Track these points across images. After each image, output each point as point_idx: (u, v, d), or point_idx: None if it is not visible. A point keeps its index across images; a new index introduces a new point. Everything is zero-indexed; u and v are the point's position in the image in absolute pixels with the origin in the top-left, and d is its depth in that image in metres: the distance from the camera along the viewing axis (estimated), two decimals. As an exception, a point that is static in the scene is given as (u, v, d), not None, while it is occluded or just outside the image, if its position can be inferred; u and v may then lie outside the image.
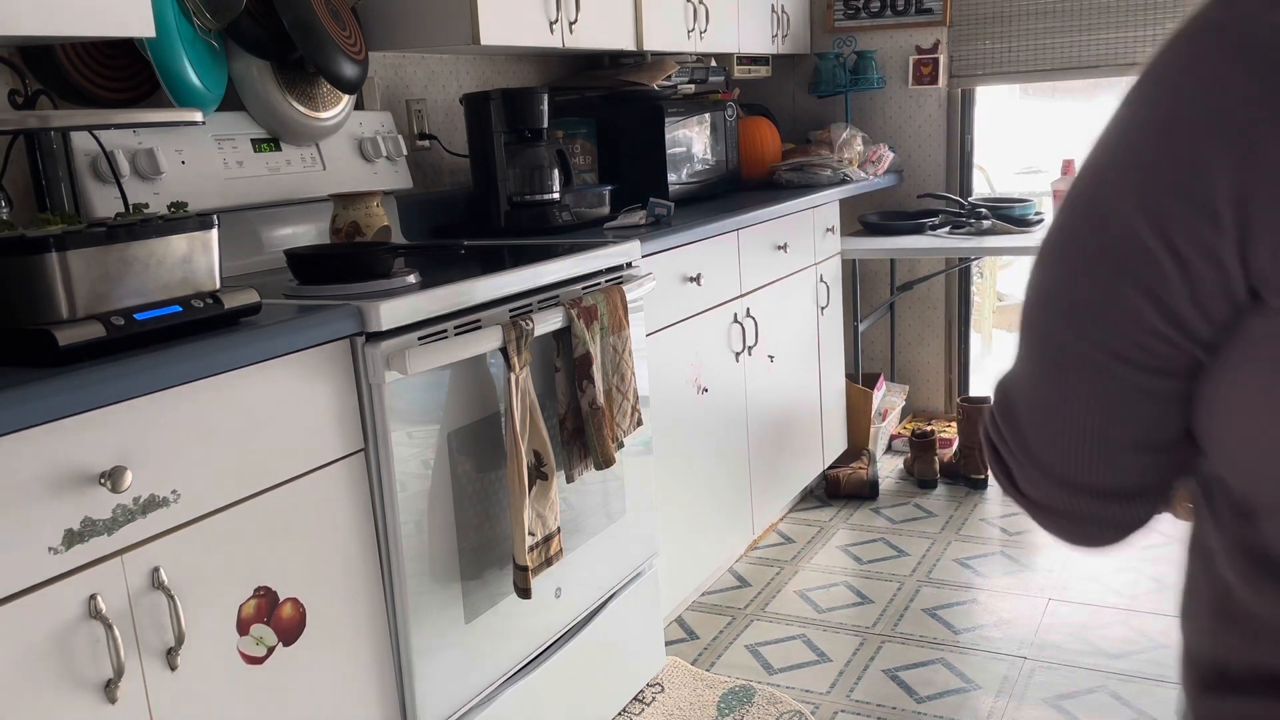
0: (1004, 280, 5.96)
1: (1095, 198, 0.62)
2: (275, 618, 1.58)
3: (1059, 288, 0.65)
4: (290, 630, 1.61)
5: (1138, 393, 0.64)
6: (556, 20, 2.61)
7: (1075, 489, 0.70)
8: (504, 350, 1.87)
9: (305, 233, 2.36)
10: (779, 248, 3.19)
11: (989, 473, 3.68)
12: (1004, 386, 0.73)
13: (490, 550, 1.96)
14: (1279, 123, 0.53)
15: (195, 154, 2.11)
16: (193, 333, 1.49)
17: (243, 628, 1.54)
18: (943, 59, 4.02)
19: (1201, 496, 0.69)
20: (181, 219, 1.53)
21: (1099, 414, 0.66)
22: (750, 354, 3.06)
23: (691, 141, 3.23)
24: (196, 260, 1.54)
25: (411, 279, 1.88)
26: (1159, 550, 3.13)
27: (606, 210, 2.84)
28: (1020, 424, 0.71)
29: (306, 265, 1.89)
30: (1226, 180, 0.55)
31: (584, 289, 2.17)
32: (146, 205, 1.61)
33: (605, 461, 2.13)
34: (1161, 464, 0.69)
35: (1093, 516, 0.72)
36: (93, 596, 1.34)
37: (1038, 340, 0.68)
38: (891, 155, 3.92)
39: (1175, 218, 0.57)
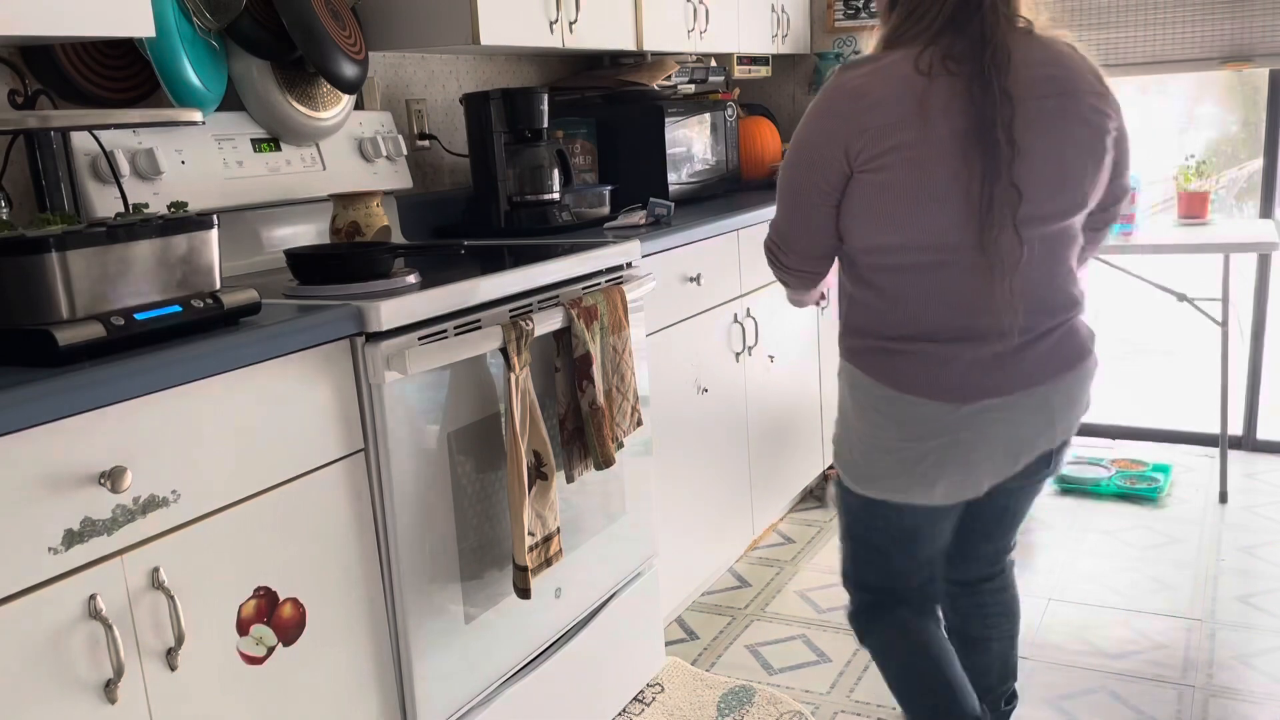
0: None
1: (808, 144, 1.63)
2: (275, 618, 1.59)
3: (796, 177, 1.66)
4: (290, 630, 1.61)
5: (825, 211, 1.65)
6: (556, 20, 2.61)
7: (804, 256, 1.72)
8: (504, 350, 1.87)
9: (305, 233, 2.36)
10: (779, 248, 3.19)
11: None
12: (775, 221, 1.74)
13: (490, 550, 1.96)
14: (858, 118, 1.56)
15: (195, 154, 2.11)
16: (193, 333, 1.49)
17: (243, 628, 1.54)
18: (943, 59, 4.01)
19: (843, 257, 1.72)
20: (181, 219, 1.53)
21: (815, 219, 1.67)
22: (750, 354, 3.06)
23: (691, 141, 3.23)
24: (196, 260, 1.54)
25: (411, 279, 1.88)
26: (1159, 551, 3.13)
27: (606, 210, 2.84)
28: (786, 230, 1.72)
29: (306, 265, 1.89)
30: (842, 139, 1.57)
31: (584, 289, 2.17)
32: (146, 205, 1.61)
33: (605, 461, 2.13)
34: (833, 244, 1.70)
35: (810, 269, 1.75)
36: (92, 597, 1.34)
37: (790, 195, 1.69)
38: (891, 155, 3.92)
39: (831, 150, 1.59)
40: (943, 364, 1.62)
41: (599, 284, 2.22)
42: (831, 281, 1.82)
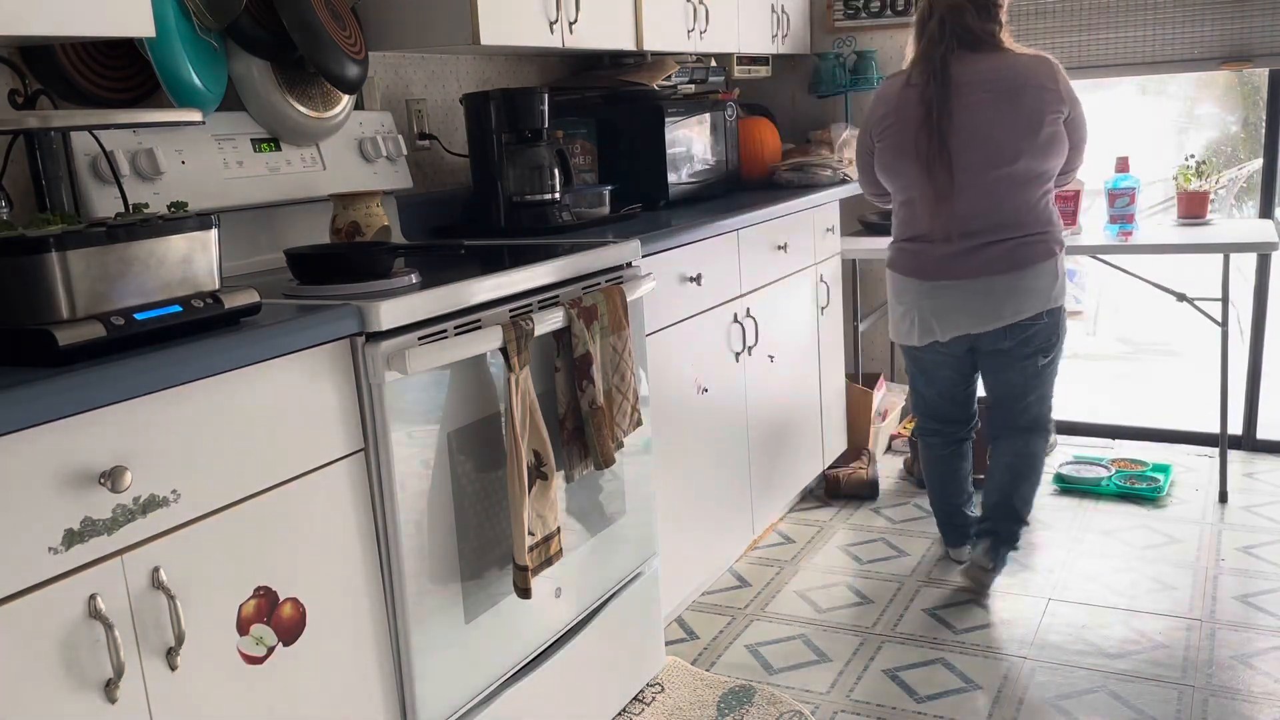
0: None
1: (863, 129, 2.93)
2: (275, 618, 1.59)
3: (859, 150, 2.97)
4: (290, 630, 1.61)
5: (870, 167, 2.94)
6: (556, 20, 2.62)
7: (869, 192, 3.06)
8: (504, 350, 1.87)
9: (305, 233, 2.36)
10: (779, 248, 3.19)
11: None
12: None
13: (490, 550, 1.97)
14: (874, 112, 2.87)
15: (195, 154, 2.11)
16: (193, 333, 1.49)
17: (243, 628, 1.54)
18: (943, 59, 4.02)
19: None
20: (181, 219, 1.53)
21: (870, 171, 2.94)
22: (750, 354, 3.06)
23: (691, 141, 3.23)
24: (196, 260, 1.54)
25: (411, 279, 1.88)
26: (1159, 551, 3.13)
27: (606, 210, 2.84)
28: (860, 178, 3.04)
29: (306, 265, 1.89)
30: (869, 126, 2.89)
31: (584, 289, 2.17)
32: (146, 205, 1.61)
33: (605, 461, 2.13)
34: (879, 186, 2.97)
35: (874, 194, 3.03)
36: (93, 596, 1.34)
37: (858, 159, 2.98)
38: (891, 155, 3.93)
39: (866, 131, 2.92)
40: (916, 255, 2.80)
41: (599, 284, 2.22)
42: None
